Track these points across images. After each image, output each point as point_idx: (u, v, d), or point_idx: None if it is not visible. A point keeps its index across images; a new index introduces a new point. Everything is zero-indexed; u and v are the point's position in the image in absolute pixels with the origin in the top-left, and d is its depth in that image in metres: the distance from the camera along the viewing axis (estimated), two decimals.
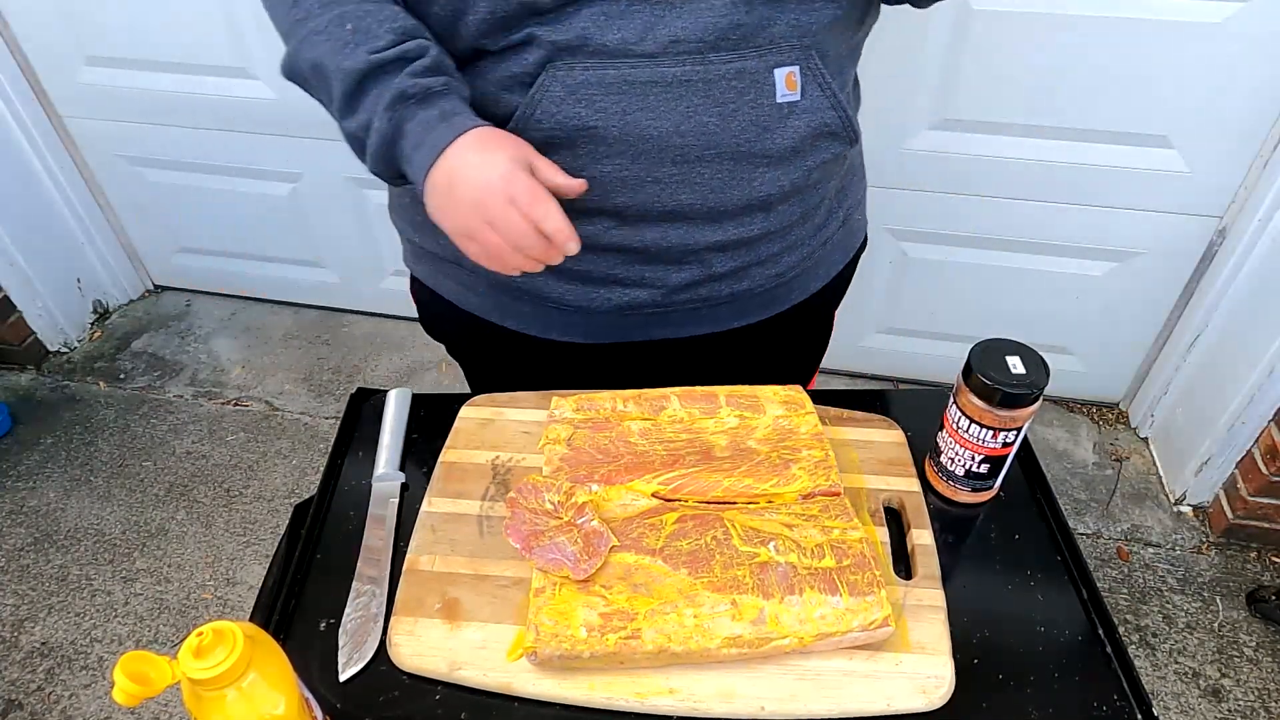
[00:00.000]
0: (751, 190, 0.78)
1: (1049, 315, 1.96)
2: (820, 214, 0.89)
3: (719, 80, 0.71)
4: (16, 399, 2.16)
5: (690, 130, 0.72)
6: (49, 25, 1.94)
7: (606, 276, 0.83)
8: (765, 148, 0.76)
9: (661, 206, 0.77)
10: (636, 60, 0.69)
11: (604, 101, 0.70)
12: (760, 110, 0.74)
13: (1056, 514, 0.78)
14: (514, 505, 0.71)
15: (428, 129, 0.66)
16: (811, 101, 0.76)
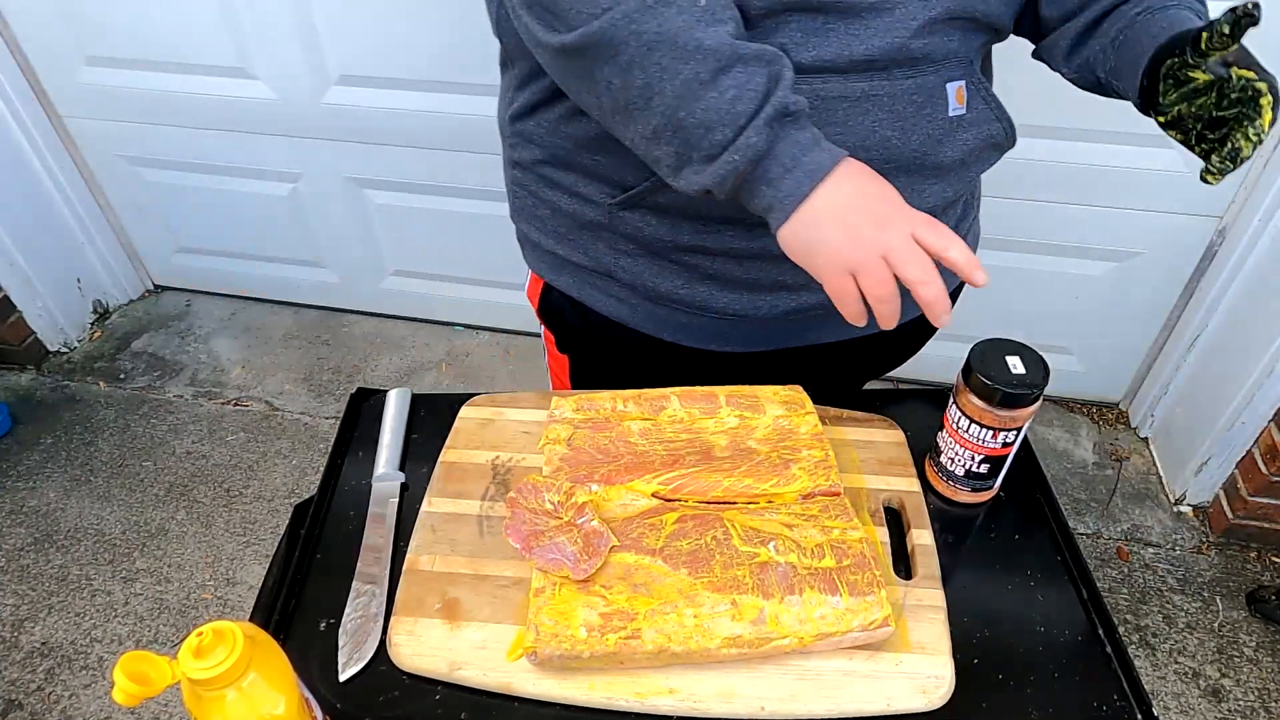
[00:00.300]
0: (920, 201, 0.78)
1: (1049, 315, 1.96)
2: (955, 217, 0.90)
3: (901, 95, 0.72)
4: (16, 399, 2.16)
5: (873, 144, 0.73)
6: (49, 25, 1.94)
7: (775, 283, 0.83)
8: (937, 160, 0.77)
9: None
10: (828, 76, 0.69)
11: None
12: (935, 124, 0.75)
13: (1056, 514, 0.78)
14: (514, 505, 0.71)
15: (803, 151, 0.61)
16: (977, 114, 0.78)
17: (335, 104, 1.93)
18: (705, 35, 0.58)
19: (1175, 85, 0.66)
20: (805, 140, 0.61)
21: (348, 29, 1.79)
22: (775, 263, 0.80)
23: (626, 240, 0.84)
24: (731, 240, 0.79)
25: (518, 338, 2.35)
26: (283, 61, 1.87)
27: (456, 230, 2.13)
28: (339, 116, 1.95)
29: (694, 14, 0.58)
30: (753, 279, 0.82)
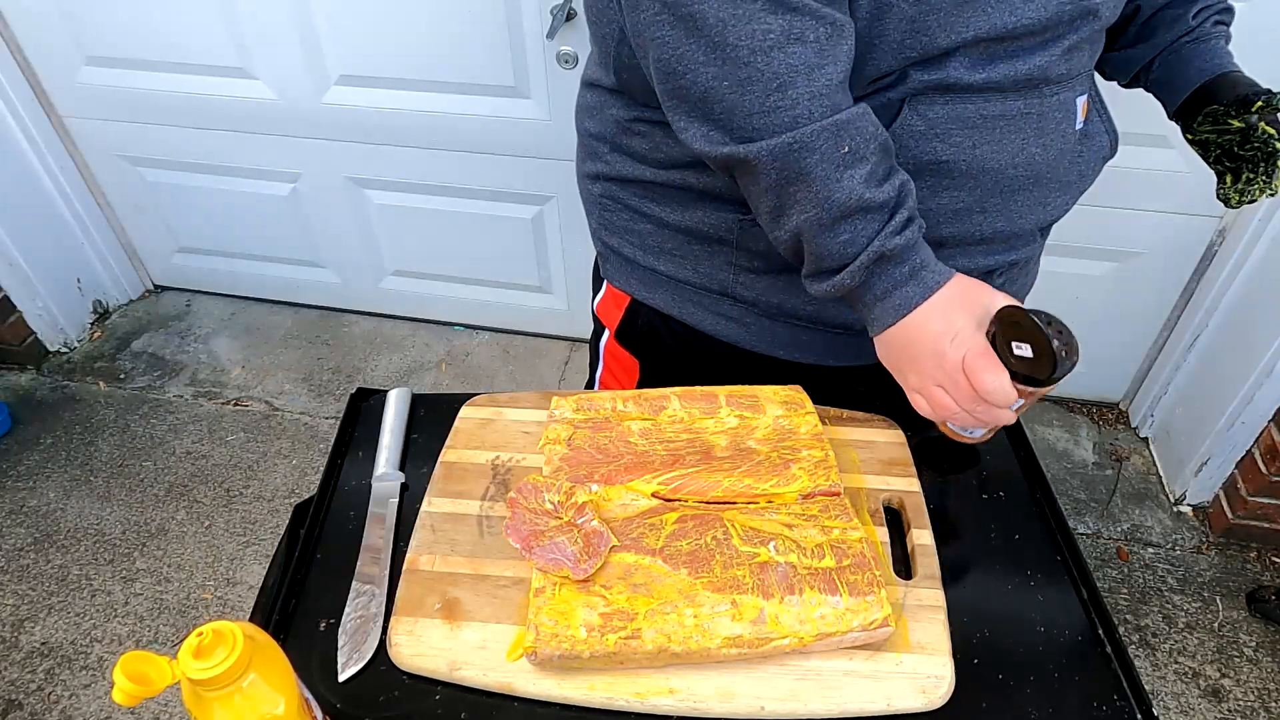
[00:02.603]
0: (1046, 215, 0.79)
1: None
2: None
3: (1047, 112, 0.72)
4: (16, 399, 2.16)
5: (1021, 161, 0.73)
6: (49, 25, 1.94)
7: None
8: (1064, 174, 0.77)
9: (979, 234, 0.77)
10: (989, 94, 0.69)
11: (959, 136, 0.70)
12: (1067, 138, 0.75)
13: (1056, 514, 0.78)
14: (514, 505, 0.71)
15: (896, 285, 0.64)
16: (1093, 127, 0.78)
17: (335, 104, 1.93)
18: (837, 185, 0.61)
19: (1211, 121, 0.81)
20: (901, 275, 0.64)
21: (348, 29, 1.79)
22: None
23: (752, 256, 0.82)
24: None
25: (518, 338, 2.35)
26: (283, 61, 1.87)
27: (456, 230, 2.13)
28: (339, 116, 1.95)
29: (834, 161, 0.61)
30: None
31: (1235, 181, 0.82)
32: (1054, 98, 0.72)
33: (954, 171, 0.72)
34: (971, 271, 0.77)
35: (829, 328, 0.85)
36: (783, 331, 0.86)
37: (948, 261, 0.74)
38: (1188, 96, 0.83)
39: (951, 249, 0.78)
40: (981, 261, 0.80)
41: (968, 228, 0.76)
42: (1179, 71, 0.84)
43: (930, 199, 0.73)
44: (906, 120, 0.69)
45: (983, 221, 0.76)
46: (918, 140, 0.70)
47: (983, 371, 0.61)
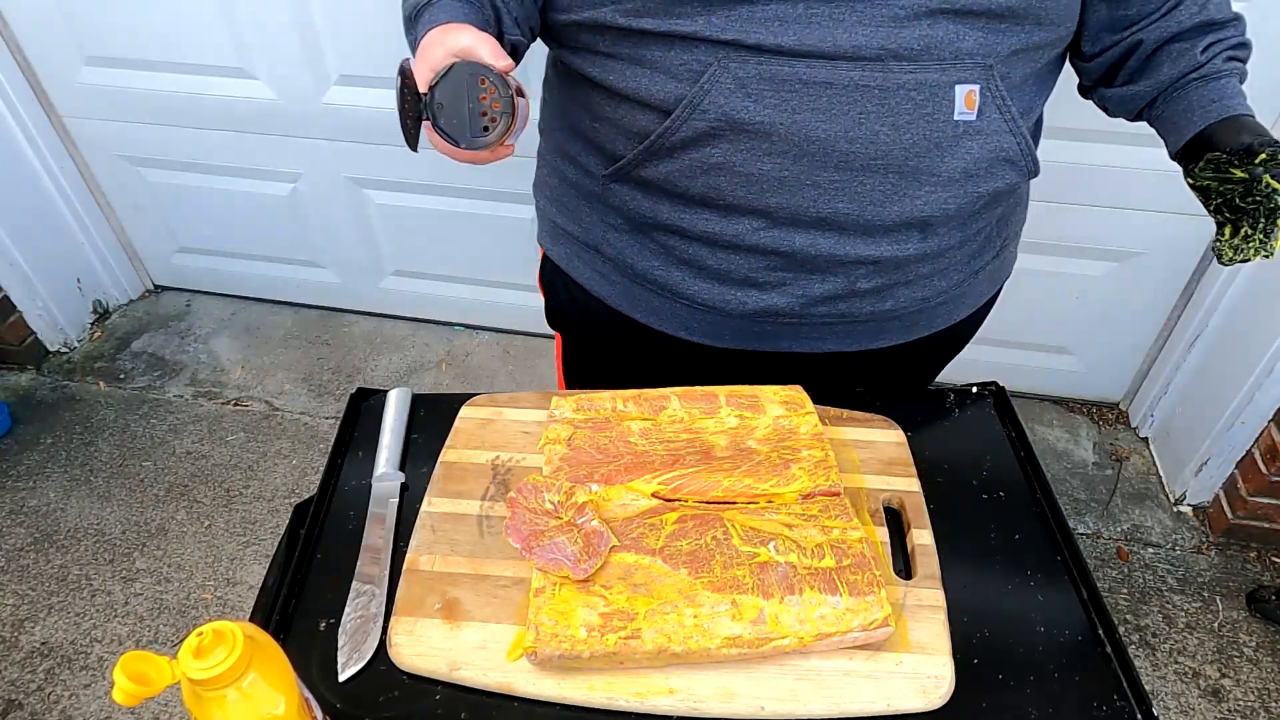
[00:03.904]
0: (912, 208, 0.76)
1: (1049, 315, 1.96)
2: (978, 241, 0.86)
3: (897, 89, 0.69)
4: (16, 399, 2.16)
5: (860, 137, 0.71)
6: (49, 25, 1.94)
7: (746, 278, 0.82)
8: (934, 165, 0.74)
9: (815, 212, 0.75)
10: (812, 60, 0.68)
11: (773, 98, 0.69)
12: (935, 126, 0.72)
13: (1056, 514, 0.78)
14: (514, 505, 0.71)
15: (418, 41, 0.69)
16: (989, 124, 0.74)
17: (335, 104, 1.93)
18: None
19: (1213, 169, 0.73)
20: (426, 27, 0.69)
21: (348, 29, 1.79)
22: (747, 255, 0.81)
23: (615, 214, 0.85)
24: (705, 224, 0.79)
25: (518, 338, 2.35)
26: (283, 61, 1.87)
27: (456, 230, 2.13)
28: (339, 116, 1.95)
29: None
30: (724, 270, 0.82)
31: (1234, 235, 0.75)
32: (909, 76, 0.69)
33: (771, 135, 0.71)
34: (829, 261, 0.79)
35: (680, 298, 0.86)
36: (642, 294, 0.88)
37: (785, 239, 0.78)
38: (1191, 138, 0.76)
39: (788, 224, 0.77)
40: (833, 248, 0.78)
41: (799, 201, 0.75)
42: (1183, 111, 0.78)
43: (752, 163, 0.73)
44: (714, 75, 0.69)
45: (817, 198, 0.74)
46: (727, 97, 0.70)
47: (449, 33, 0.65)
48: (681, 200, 0.79)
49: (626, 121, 0.77)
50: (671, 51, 0.71)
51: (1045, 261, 1.87)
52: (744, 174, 0.74)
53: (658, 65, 0.72)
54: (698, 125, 0.72)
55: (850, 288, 0.82)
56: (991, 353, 2.07)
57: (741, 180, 0.74)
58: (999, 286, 0.96)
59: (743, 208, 0.76)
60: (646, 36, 0.71)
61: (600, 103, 0.79)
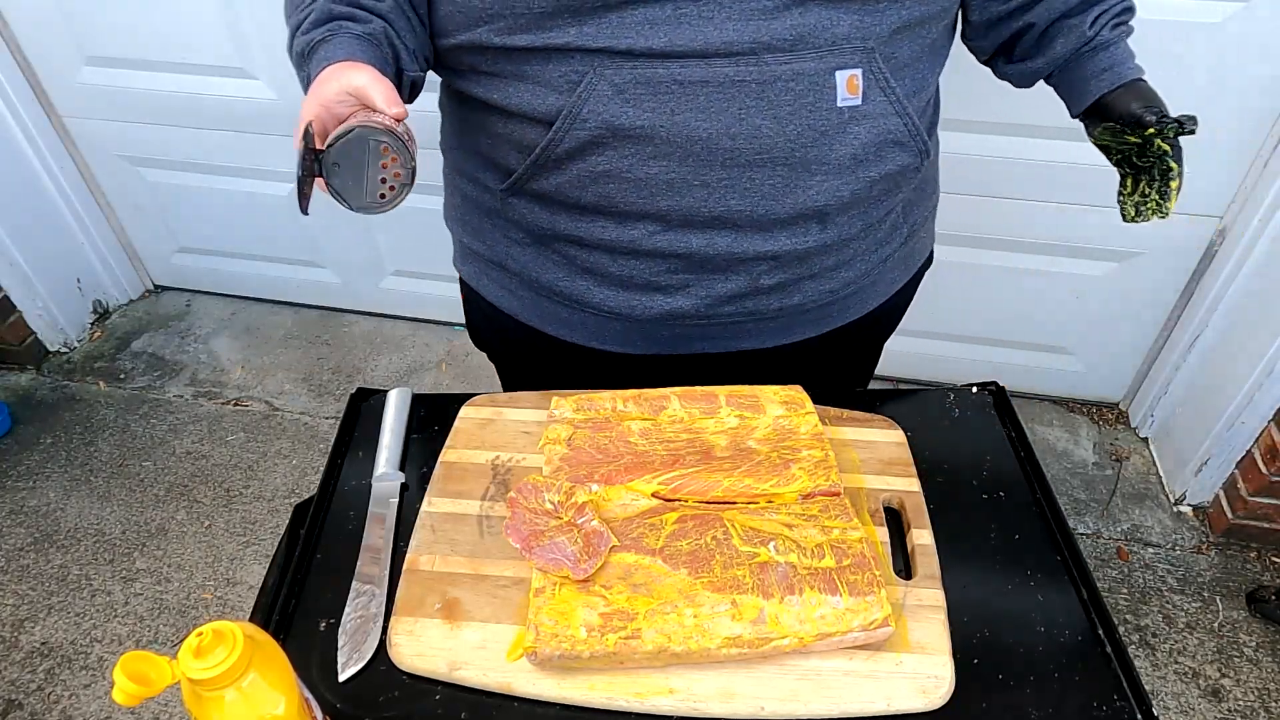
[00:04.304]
0: (806, 199, 0.75)
1: (1049, 315, 1.96)
2: (883, 229, 0.86)
3: (774, 82, 0.69)
4: (16, 399, 2.16)
5: (742, 133, 0.70)
6: (49, 25, 1.94)
7: (649, 283, 0.82)
8: (822, 154, 0.73)
9: (709, 212, 0.75)
10: (686, 60, 0.68)
11: (651, 101, 0.69)
12: (818, 115, 0.71)
13: (1056, 514, 0.78)
14: (514, 505, 0.71)
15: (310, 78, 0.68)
16: (874, 107, 0.73)
17: None
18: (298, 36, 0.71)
19: (1110, 133, 0.81)
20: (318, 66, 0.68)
21: None
22: (647, 260, 0.80)
23: (516, 228, 0.85)
24: (602, 231, 0.79)
25: None
26: (283, 61, 1.86)
27: None
28: None
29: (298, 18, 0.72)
30: (626, 276, 0.82)
31: (1134, 190, 0.82)
32: (785, 67, 0.68)
33: (654, 138, 0.71)
34: (728, 260, 0.79)
35: (587, 308, 0.86)
36: (550, 307, 0.88)
37: (682, 241, 0.78)
38: (1089, 105, 0.82)
39: (682, 226, 0.77)
40: (731, 246, 0.78)
41: (691, 202, 0.74)
42: (1079, 81, 0.82)
43: (639, 168, 0.73)
44: (591, 84, 0.69)
45: (708, 197, 0.74)
46: (605, 104, 0.70)
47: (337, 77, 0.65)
48: (576, 210, 0.79)
49: (515, 136, 0.77)
50: (549, 64, 0.70)
51: (1045, 261, 1.87)
52: (632, 179, 0.73)
53: (537, 79, 0.72)
54: (580, 135, 0.72)
55: (754, 284, 0.81)
56: (991, 353, 2.07)
57: (631, 186, 0.74)
58: (913, 274, 0.96)
59: (636, 213, 0.76)
60: (524, 52, 0.71)
61: (490, 120, 0.79)
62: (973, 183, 1.76)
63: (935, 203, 0.96)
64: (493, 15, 0.70)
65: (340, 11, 0.70)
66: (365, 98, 0.64)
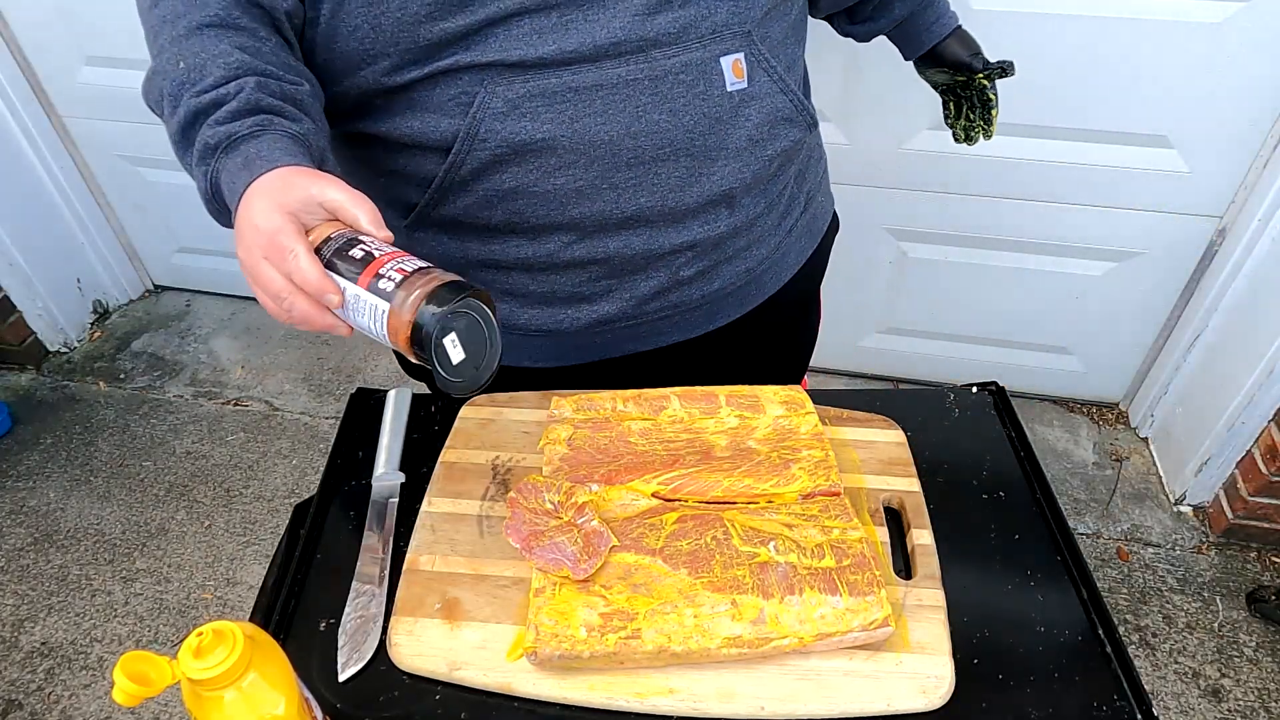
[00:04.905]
0: (712, 186, 0.77)
1: (1049, 315, 1.96)
2: (783, 203, 0.88)
3: (665, 76, 0.70)
4: (16, 399, 2.16)
5: (642, 130, 0.71)
6: (49, 25, 1.94)
7: (572, 295, 0.82)
8: (721, 141, 0.74)
9: (621, 213, 0.76)
10: (577, 66, 0.68)
11: (549, 112, 0.69)
12: (711, 102, 0.72)
13: (1056, 514, 0.78)
14: (514, 505, 0.71)
15: (233, 178, 0.60)
16: (760, 88, 0.75)
17: None
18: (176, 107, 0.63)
19: (944, 74, 1.02)
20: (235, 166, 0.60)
21: None
22: (566, 272, 0.80)
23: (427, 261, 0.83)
24: (517, 250, 0.79)
25: None
26: None
27: None
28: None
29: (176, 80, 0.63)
30: (548, 292, 0.82)
31: (959, 117, 1.04)
32: (673, 60, 0.69)
33: (556, 148, 0.70)
34: (647, 258, 0.79)
35: (514, 330, 0.85)
36: None
37: (600, 247, 0.77)
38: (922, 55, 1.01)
39: (597, 232, 0.76)
40: (648, 244, 0.78)
41: (602, 207, 0.75)
42: (913, 34, 0.99)
43: (545, 181, 0.72)
44: (484, 103, 0.68)
45: (618, 199, 0.74)
46: (502, 121, 0.69)
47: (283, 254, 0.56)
48: (486, 232, 0.78)
49: (410, 168, 0.76)
50: (436, 89, 0.69)
51: (1045, 261, 1.87)
52: (540, 193, 0.73)
53: (426, 105, 0.70)
54: (481, 156, 0.71)
55: (674, 278, 0.82)
56: (991, 353, 2.07)
57: (540, 199, 0.74)
58: (819, 240, 0.98)
59: (548, 226, 0.76)
60: (410, 83, 0.69)
61: (380, 155, 0.77)
62: (973, 183, 1.76)
63: (824, 167, 1.00)
64: (375, 56, 0.68)
65: (268, 104, 0.62)
66: (343, 214, 0.58)
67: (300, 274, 0.55)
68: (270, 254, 0.56)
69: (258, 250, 0.57)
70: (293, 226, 0.56)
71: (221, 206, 0.63)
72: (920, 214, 1.84)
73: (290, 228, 0.56)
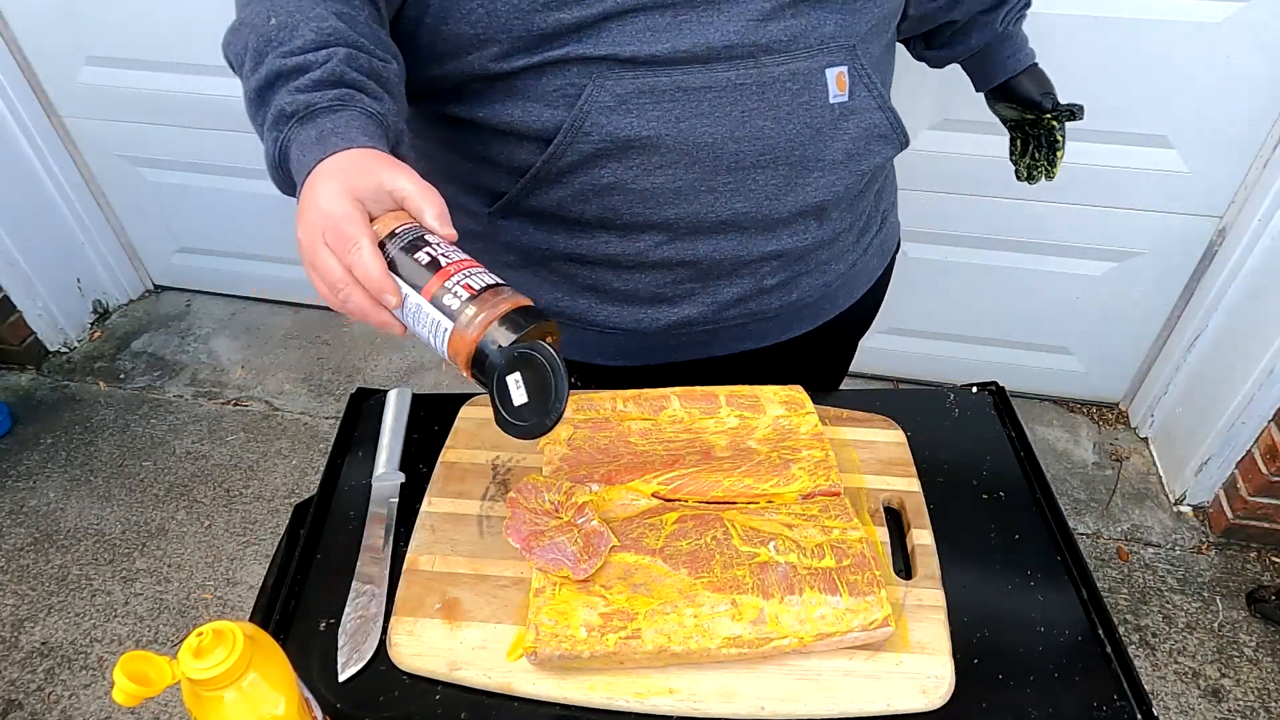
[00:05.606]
0: (805, 197, 0.77)
1: (1049, 315, 1.96)
2: (863, 219, 0.88)
3: (773, 83, 0.70)
4: (16, 399, 2.16)
5: (745, 135, 0.71)
6: (49, 25, 1.94)
7: (654, 295, 0.81)
8: (819, 152, 0.75)
9: (715, 217, 0.75)
10: (687, 66, 0.68)
11: (655, 110, 0.69)
12: (814, 113, 0.72)
13: (1056, 514, 0.78)
14: (514, 505, 0.71)
15: (304, 150, 0.58)
16: (860, 102, 0.75)
17: None
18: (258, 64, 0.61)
19: (1013, 110, 1.02)
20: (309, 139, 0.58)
21: None
22: (652, 272, 0.80)
23: (507, 250, 0.83)
24: (605, 246, 0.78)
25: None
26: None
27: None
28: None
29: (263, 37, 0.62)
30: (631, 290, 0.81)
31: (1024, 154, 1.05)
32: (781, 68, 0.69)
33: (659, 147, 0.70)
34: (734, 264, 0.79)
35: (590, 326, 0.85)
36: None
37: (689, 249, 0.77)
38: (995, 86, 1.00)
39: (690, 234, 0.76)
40: (737, 250, 0.78)
41: (698, 209, 0.74)
42: (987, 66, 0.99)
43: (644, 179, 0.72)
44: (591, 95, 0.68)
45: (715, 203, 0.74)
46: (608, 116, 0.69)
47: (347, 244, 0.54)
48: (577, 226, 0.78)
49: (504, 157, 0.75)
50: (542, 78, 0.69)
51: (1045, 261, 1.87)
52: (637, 190, 0.73)
53: (529, 94, 0.70)
54: (582, 149, 0.70)
55: (758, 286, 0.82)
56: (991, 353, 2.07)
57: (636, 197, 0.73)
58: (889, 260, 0.98)
59: (641, 224, 0.75)
60: (516, 71, 0.69)
61: (473, 142, 0.76)
62: (973, 182, 1.76)
63: (895, 188, 1.00)
64: (485, 41, 0.67)
65: (353, 79, 0.60)
66: (410, 205, 0.56)
67: (361, 268, 0.53)
68: (333, 241, 0.54)
69: (319, 234, 0.55)
70: (359, 215, 0.55)
71: (285, 176, 0.61)
72: (920, 214, 1.84)
73: (357, 216, 0.54)
